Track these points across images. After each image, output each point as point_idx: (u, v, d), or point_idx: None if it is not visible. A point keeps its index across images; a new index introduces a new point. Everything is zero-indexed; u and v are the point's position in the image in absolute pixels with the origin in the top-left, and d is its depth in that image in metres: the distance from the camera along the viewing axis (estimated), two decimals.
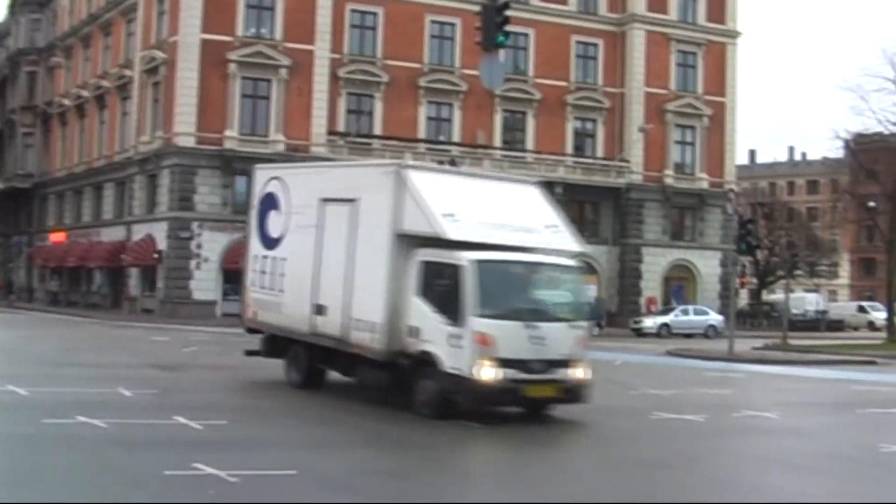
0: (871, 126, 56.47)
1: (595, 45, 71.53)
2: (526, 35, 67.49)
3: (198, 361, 28.61)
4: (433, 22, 66.68)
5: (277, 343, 21.82)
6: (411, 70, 65.60)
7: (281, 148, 60.63)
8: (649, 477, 13.05)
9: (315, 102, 62.11)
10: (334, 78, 63.19)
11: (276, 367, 21.66)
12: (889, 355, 42.29)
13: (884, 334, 57.12)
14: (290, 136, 61.11)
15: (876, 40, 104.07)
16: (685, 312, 63.58)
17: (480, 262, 16.91)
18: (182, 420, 15.39)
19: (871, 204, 63.18)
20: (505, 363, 16.54)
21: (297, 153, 60.35)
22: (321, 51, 62.27)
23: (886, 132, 56.43)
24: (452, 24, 66.15)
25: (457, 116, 66.91)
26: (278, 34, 61.56)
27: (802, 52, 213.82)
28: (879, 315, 72.10)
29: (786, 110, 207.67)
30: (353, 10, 64.78)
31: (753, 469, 13.95)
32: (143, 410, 17.01)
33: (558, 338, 17.39)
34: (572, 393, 17.54)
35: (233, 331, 46.52)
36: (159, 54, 62.25)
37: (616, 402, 21.84)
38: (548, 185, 67.09)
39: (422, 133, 66.12)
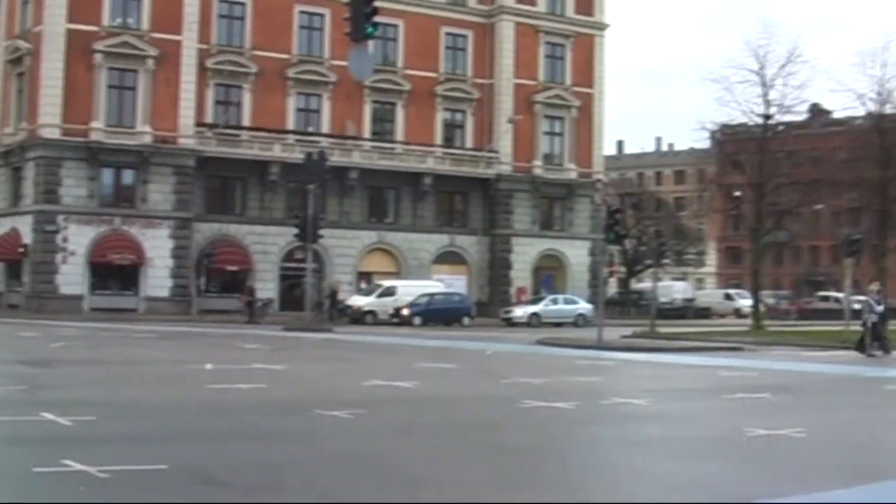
0: (737, 117, 57.43)
1: (464, 36, 71.87)
2: (395, 26, 67.69)
3: (66, 356, 28.04)
4: (302, 12, 66.51)
5: None
6: (280, 61, 65.36)
7: (148, 140, 60.02)
8: (511, 461, 13.08)
9: (183, 94, 61.59)
10: (202, 69, 62.73)
11: (147, 360, 21.33)
12: (755, 341, 43.05)
13: (749, 321, 58.11)
14: (158, 128, 60.51)
15: (741, 32, 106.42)
16: (555, 302, 64.12)
17: None
18: (50, 416, 15.05)
19: (737, 194, 64.35)
20: None
21: (164, 145, 59.78)
22: (189, 41, 61.75)
23: (751, 123, 57.38)
24: (321, 15, 66.03)
25: (326, 107, 66.81)
26: (145, 24, 60.87)
27: (669, 44, 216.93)
28: (745, 302, 73.44)
29: (653, 101, 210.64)
30: (221, 1, 64.30)
31: (620, 453, 14.05)
32: (10, 407, 16.60)
33: None
34: None
35: (101, 325, 46.06)
36: (23, 44, 61.17)
37: (486, 390, 21.95)
38: (417, 176, 67.96)
39: (291, 124, 65.95)
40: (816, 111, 78.57)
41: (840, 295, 68.05)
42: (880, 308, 36.49)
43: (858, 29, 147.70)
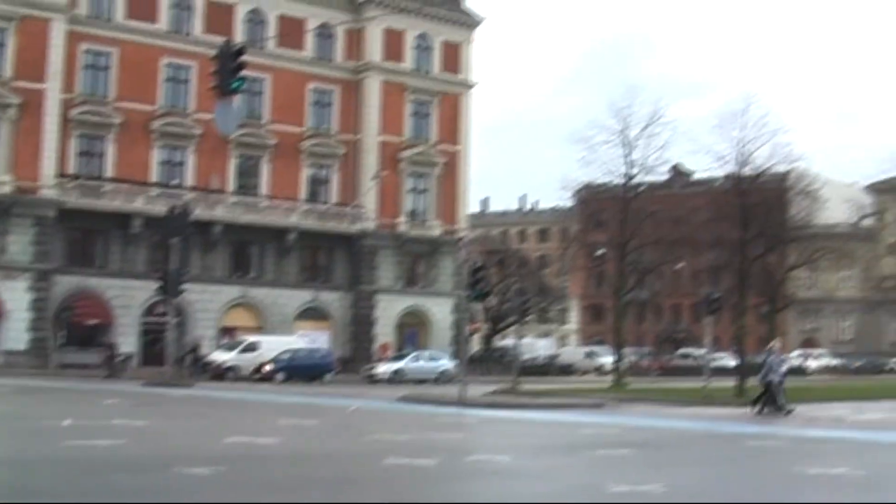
0: (599, 177, 58.25)
1: (331, 91, 71.98)
2: (262, 80, 67.54)
3: None
4: (168, 64, 66.03)
5: None
6: (145, 112, 64.81)
7: (8, 189, 58.90)
8: None
9: (45, 143, 60.76)
10: (65, 118, 61.78)
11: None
12: (616, 398, 43.46)
13: (611, 378, 58.58)
14: (19, 178, 59.49)
15: (604, 93, 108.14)
16: (418, 358, 63.99)
17: None
18: None
19: (600, 252, 65.08)
20: None
21: (25, 195, 58.77)
22: (52, 90, 60.95)
23: (614, 183, 58.16)
24: (188, 67, 65.68)
25: (191, 160, 66.30)
26: (8, 72, 59.95)
27: (534, 103, 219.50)
28: (607, 359, 73.90)
29: (518, 159, 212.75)
30: (87, 50, 63.66)
31: None
32: None
33: None
34: None
35: None
36: None
37: (348, 447, 21.77)
38: (281, 231, 67.64)
39: (154, 176, 65.20)
40: (678, 172, 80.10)
41: (700, 352, 69.00)
42: (783, 369, 36.89)
43: (718, 92, 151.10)
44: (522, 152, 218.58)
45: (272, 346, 59.43)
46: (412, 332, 73.89)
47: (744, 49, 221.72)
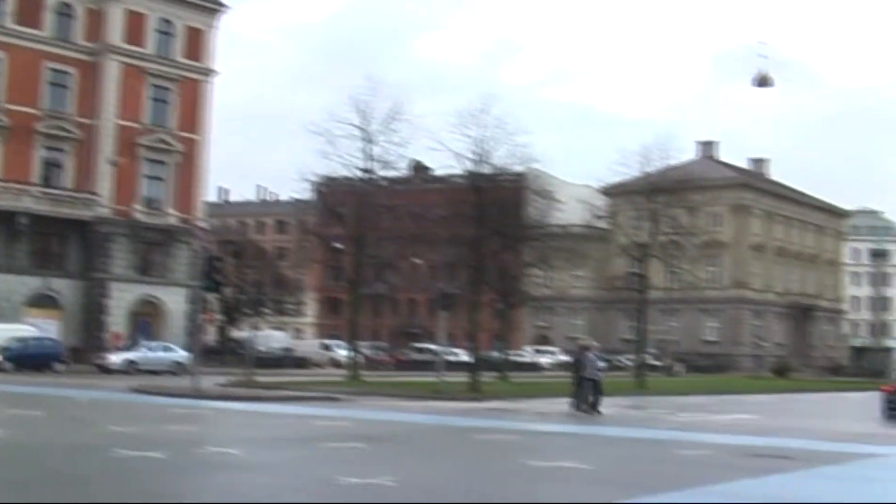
0: (338, 170, 58.31)
1: (69, 73, 69.94)
2: None
3: None
4: None
5: None
6: None
7: None
8: None
9: None
10: None
11: None
12: (351, 392, 43.69)
13: (346, 371, 58.81)
14: None
15: (347, 88, 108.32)
16: (152, 349, 63.04)
17: None
18: None
19: (337, 245, 65.21)
20: None
21: None
22: None
23: (353, 177, 58.39)
24: None
25: None
26: None
27: (276, 93, 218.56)
28: (343, 353, 74.16)
29: (258, 150, 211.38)
30: None
31: None
32: None
33: None
34: None
35: None
36: None
37: (76, 439, 21.28)
38: (12, 215, 65.49)
39: None
40: (417, 168, 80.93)
41: (435, 347, 69.87)
42: (601, 365, 37.31)
43: (462, 92, 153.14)
44: (263, 142, 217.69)
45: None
46: (146, 321, 72.53)
47: (487, 50, 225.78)
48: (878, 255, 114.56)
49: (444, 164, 58.14)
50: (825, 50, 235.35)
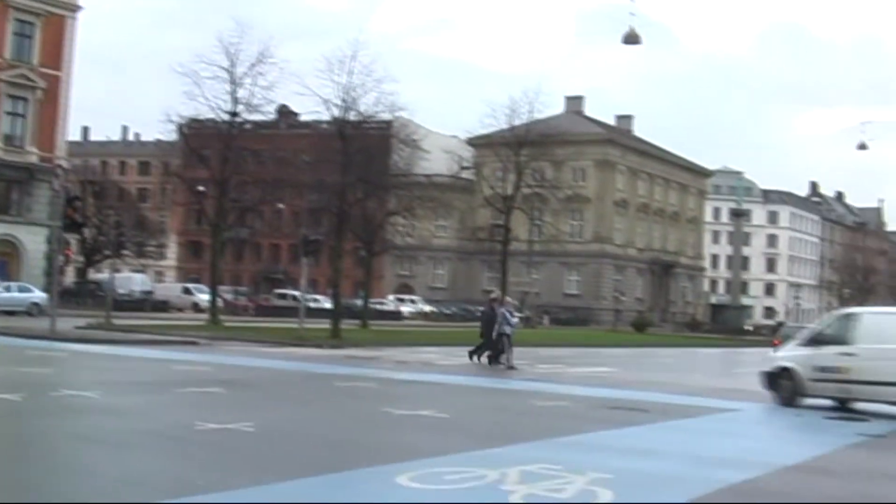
0: (204, 112, 57.76)
1: None
2: None
3: None
4: None
5: None
6: None
7: None
8: None
9: None
10: None
11: None
12: (211, 336, 43.55)
13: (207, 316, 58.51)
14: None
15: (213, 28, 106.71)
16: (8, 290, 62.00)
17: None
18: None
19: (201, 188, 64.63)
20: None
21: None
22: None
23: (218, 119, 57.87)
24: None
25: None
26: None
27: (142, 32, 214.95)
28: (204, 297, 73.66)
29: (123, 89, 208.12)
30: None
31: (69, 448, 13.75)
32: None
33: None
34: None
35: None
36: None
37: None
38: None
39: None
40: (284, 113, 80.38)
41: (297, 293, 69.74)
42: (515, 320, 37.26)
43: (327, 37, 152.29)
44: (128, 82, 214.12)
45: None
46: (2, 261, 71.14)
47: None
48: (738, 214, 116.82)
49: (310, 110, 57.92)
50: (687, 13, 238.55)
